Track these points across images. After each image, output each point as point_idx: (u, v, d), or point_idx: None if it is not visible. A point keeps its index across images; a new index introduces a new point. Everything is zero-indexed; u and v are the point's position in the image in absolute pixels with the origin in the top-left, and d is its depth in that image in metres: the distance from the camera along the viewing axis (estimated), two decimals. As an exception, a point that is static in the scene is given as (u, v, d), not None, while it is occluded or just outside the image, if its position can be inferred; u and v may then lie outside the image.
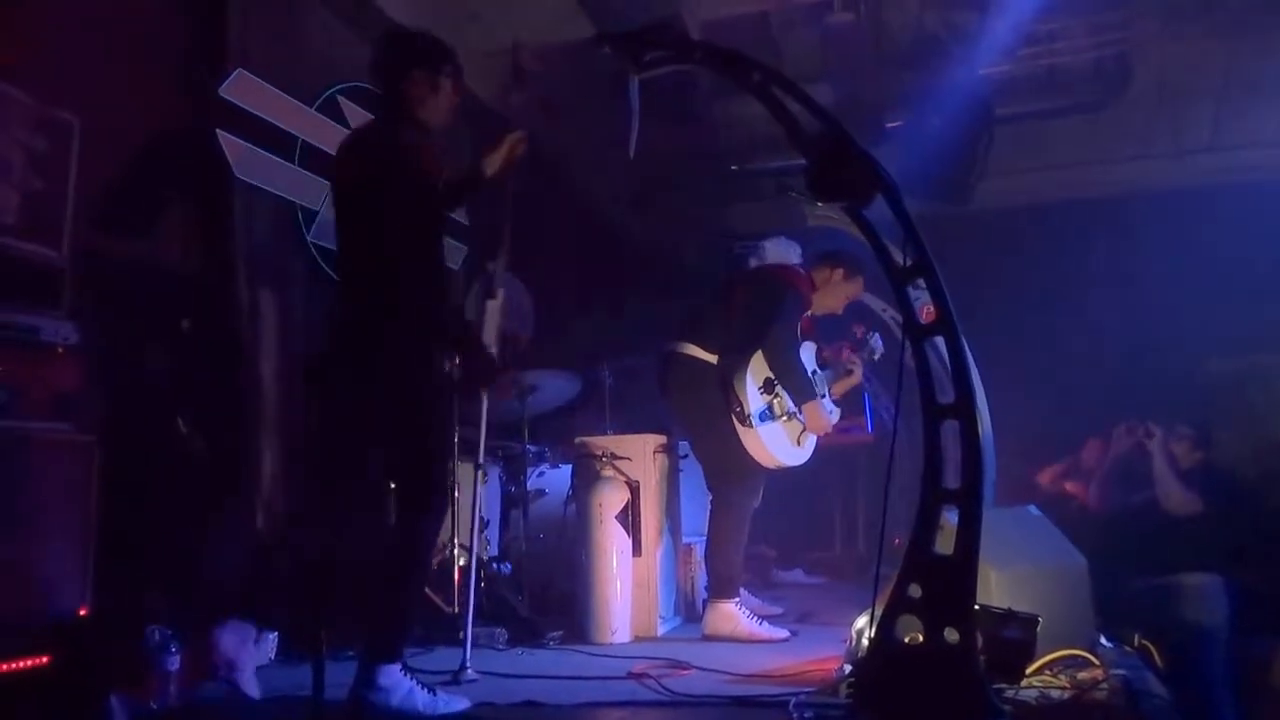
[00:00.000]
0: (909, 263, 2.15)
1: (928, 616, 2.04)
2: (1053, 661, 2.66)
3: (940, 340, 2.22)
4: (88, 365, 3.17)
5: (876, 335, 4.35)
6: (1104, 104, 6.24)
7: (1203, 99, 6.66)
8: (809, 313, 4.01)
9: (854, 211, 2.24)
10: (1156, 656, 3.21)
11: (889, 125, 6.28)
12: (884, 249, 2.22)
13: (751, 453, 3.69)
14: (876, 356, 4.34)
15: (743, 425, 3.66)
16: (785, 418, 3.78)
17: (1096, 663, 2.68)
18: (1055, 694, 2.47)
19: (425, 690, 2.62)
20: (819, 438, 3.91)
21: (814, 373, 3.92)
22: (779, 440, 3.77)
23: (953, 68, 5.77)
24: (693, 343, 3.80)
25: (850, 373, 4.19)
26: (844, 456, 5.94)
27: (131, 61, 3.69)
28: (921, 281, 4.14)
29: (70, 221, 3.19)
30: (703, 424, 3.82)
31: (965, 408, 2.06)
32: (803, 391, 3.75)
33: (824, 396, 3.98)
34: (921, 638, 2.07)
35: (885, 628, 2.08)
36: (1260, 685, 3.58)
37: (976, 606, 2.19)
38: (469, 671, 2.93)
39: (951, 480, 2.11)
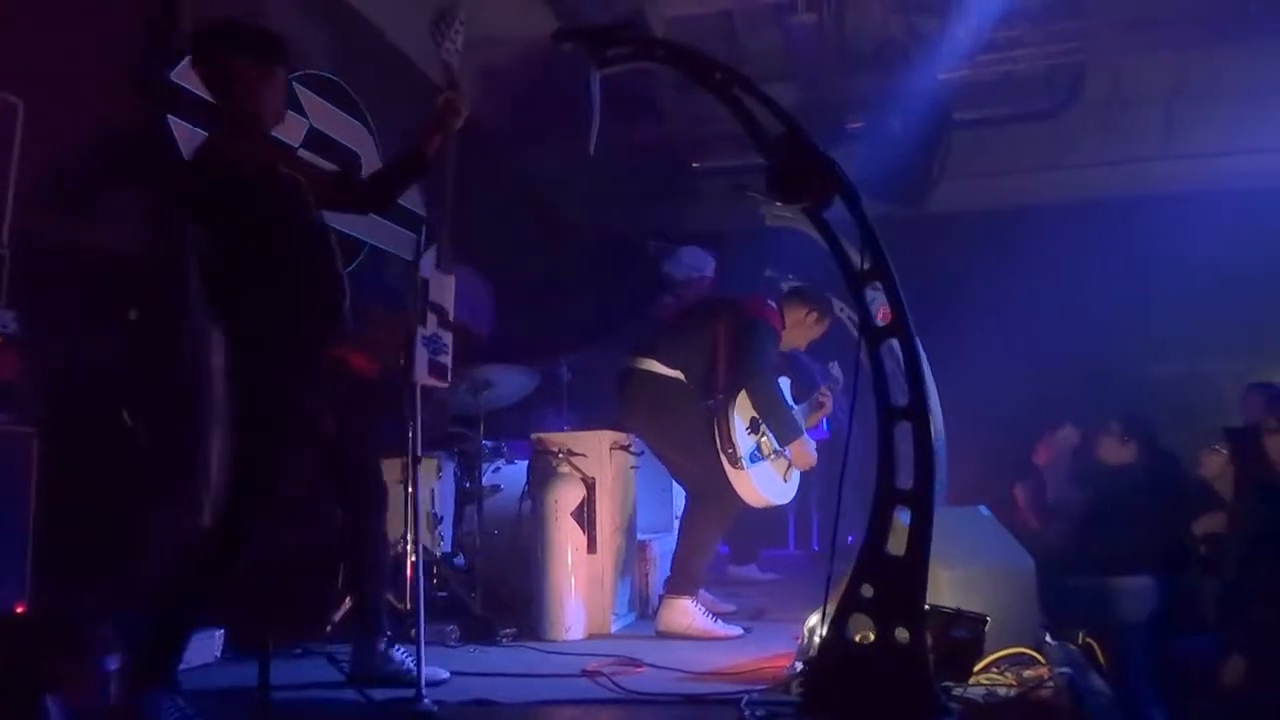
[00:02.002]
0: (866, 265, 2.16)
1: (879, 616, 2.06)
2: (1000, 659, 2.70)
3: (895, 342, 2.24)
4: (28, 355, 3.09)
5: (835, 363, 4.41)
6: (1058, 111, 6.36)
7: (1153, 109, 6.81)
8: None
9: (813, 213, 2.25)
10: (1099, 654, 3.28)
11: (849, 126, 6.34)
12: (842, 250, 2.23)
13: (742, 494, 3.67)
14: (840, 384, 4.38)
15: (734, 467, 3.63)
16: (772, 456, 3.78)
17: (1042, 660, 2.72)
18: (1002, 691, 2.51)
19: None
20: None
21: (790, 409, 3.89)
22: (768, 479, 3.76)
23: (913, 71, 5.83)
24: (652, 358, 3.74)
25: (822, 405, 4.23)
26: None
27: (79, 43, 3.58)
28: (878, 283, 4.20)
29: (11, 207, 3.10)
30: (678, 443, 3.80)
31: (919, 410, 2.08)
32: (790, 430, 3.73)
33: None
34: (873, 636, 2.09)
35: (837, 627, 2.10)
36: (1196, 683, 3.67)
37: (927, 606, 2.21)
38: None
39: (904, 480, 2.13)
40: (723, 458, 3.61)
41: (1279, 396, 5.49)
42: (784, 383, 3.92)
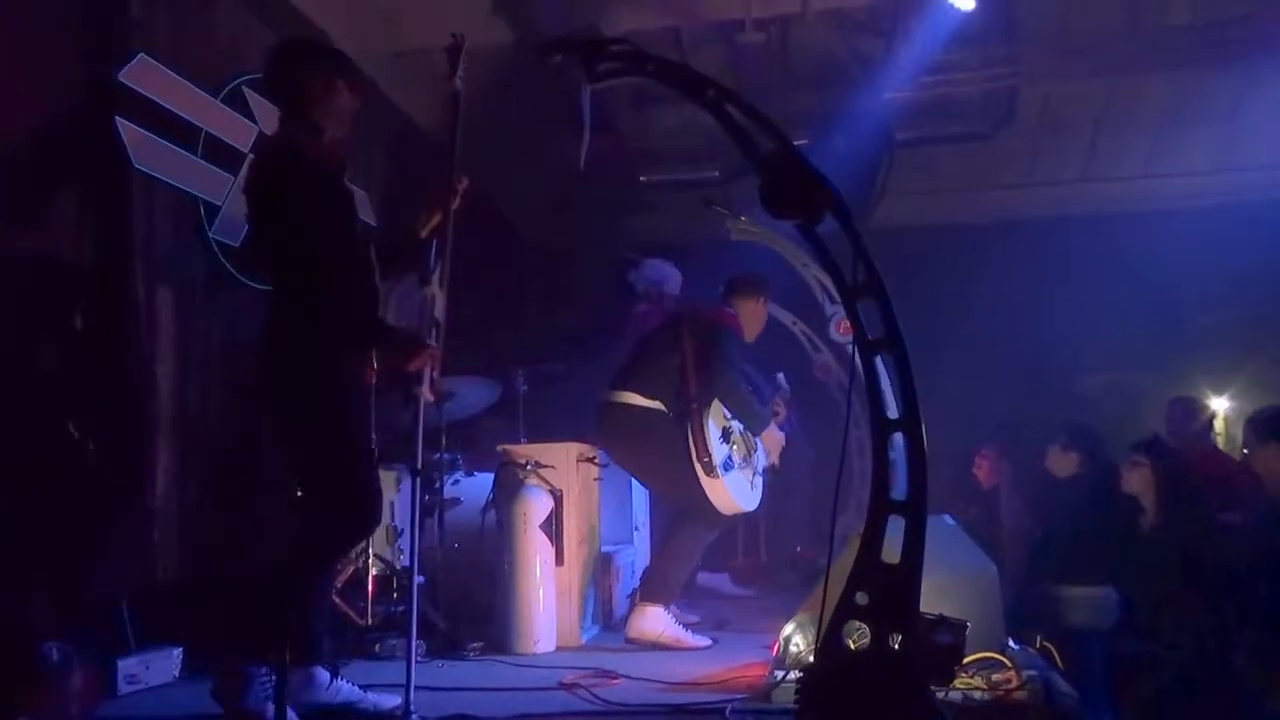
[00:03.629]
0: (859, 279, 2.22)
1: (874, 623, 2.10)
2: (969, 664, 2.78)
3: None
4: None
5: (780, 375, 4.60)
6: (992, 133, 6.59)
7: (1079, 133, 7.12)
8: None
9: (805, 229, 2.30)
10: (1057, 658, 3.40)
11: (794, 143, 6.46)
12: (834, 265, 2.28)
13: (715, 501, 3.74)
14: (788, 394, 4.58)
15: (709, 476, 3.70)
16: (742, 464, 3.90)
17: (1008, 664, 2.81)
18: (977, 695, 2.59)
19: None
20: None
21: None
22: (740, 486, 3.86)
23: (857, 91, 5.98)
24: (632, 390, 3.82)
25: (777, 414, 4.34)
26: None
27: (30, 40, 3.46)
28: (837, 296, 4.29)
29: (-40, 208, 2.97)
30: (664, 471, 3.87)
31: (912, 422, 2.14)
32: (760, 421, 3.90)
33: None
34: (866, 643, 2.13)
35: (833, 633, 2.14)
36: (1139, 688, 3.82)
37: (911, 612, 2.26)
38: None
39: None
40: (698, 467, 3.66)
41: (1194, 410, 5.78)
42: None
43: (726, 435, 3.83)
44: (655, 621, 3.60)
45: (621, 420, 3.82)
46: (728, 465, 3.75)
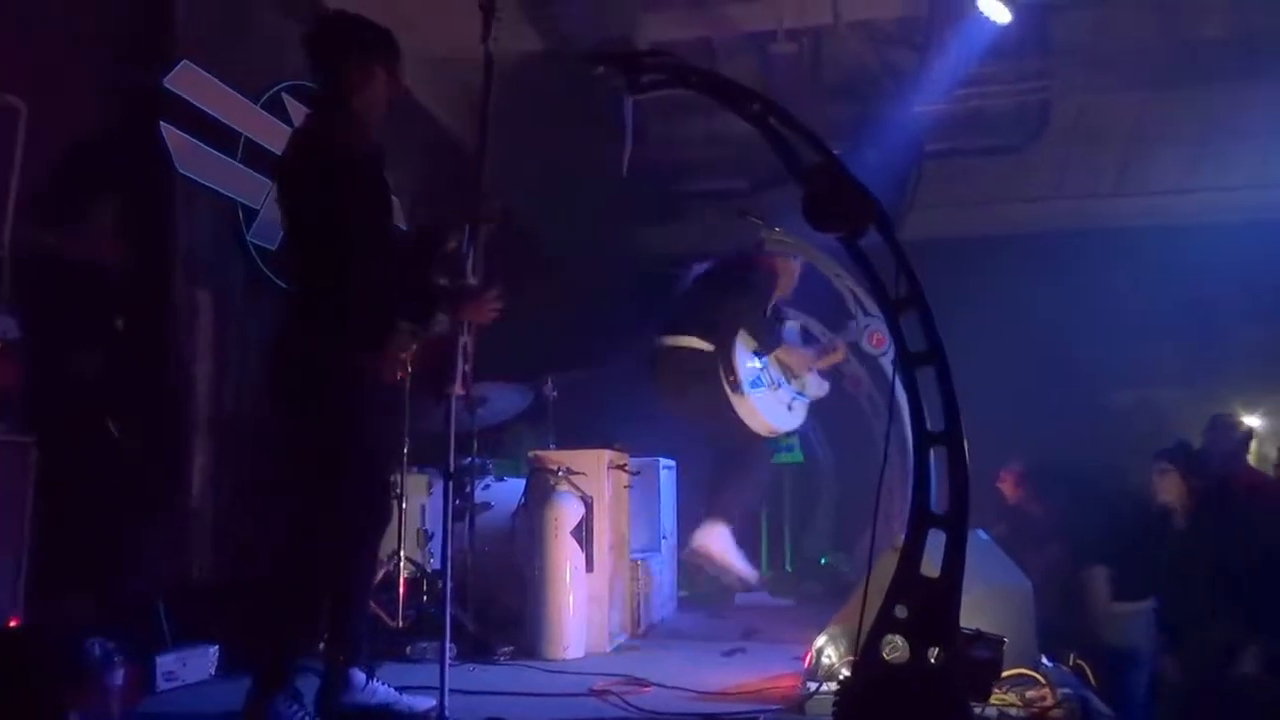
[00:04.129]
0: (901, 293, 2.22)
1: (913, 636, 2.11)
2: (1003, 680, 2.76)
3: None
4: (24, 362, 3.01)
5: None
6: (1024, 146, 6.56)
7: (1111, 146, 7.08)
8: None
9: (848, 241, 2.31)
10: (1090, 675, 3.38)
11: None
12: (876, 278, 2.29)
13: (746, 420, 3.96)
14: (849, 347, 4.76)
15: (735, 394, 3.90)
16: (772, 383, 4.10)
17: (1043, 681, 2.79)
18: (1013, 712, 2.58)
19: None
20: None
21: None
22: (770, 406, 4.06)
23: (889, 102, 5.98)
24: (685, 334, 4.04)
25: (836, 350, 4.61)
26: (771, 477, 6.07)
27: (78, 47, 3.53)
28: (873, 309, 4.30)
29: (12, 211, 3.03)
30: (705, 408, 4.05)
31: (954, 436, 2.15)
32: (768, 341, 4.13)
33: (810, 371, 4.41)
34: (902, 656, 2.13)
35: (871, 646, 2.14)
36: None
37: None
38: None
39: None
40: (725, 387, 3.78)
41: (1230, 426, 5.72)
42: (793, 328, 4.23)
43: (758, 356, 4.06)
44: (719, 539, 3.72)
45: (680, 365, 4.03)
46: (756, 383, 3.97)
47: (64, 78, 3.46)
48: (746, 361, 4.02)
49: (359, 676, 2.70)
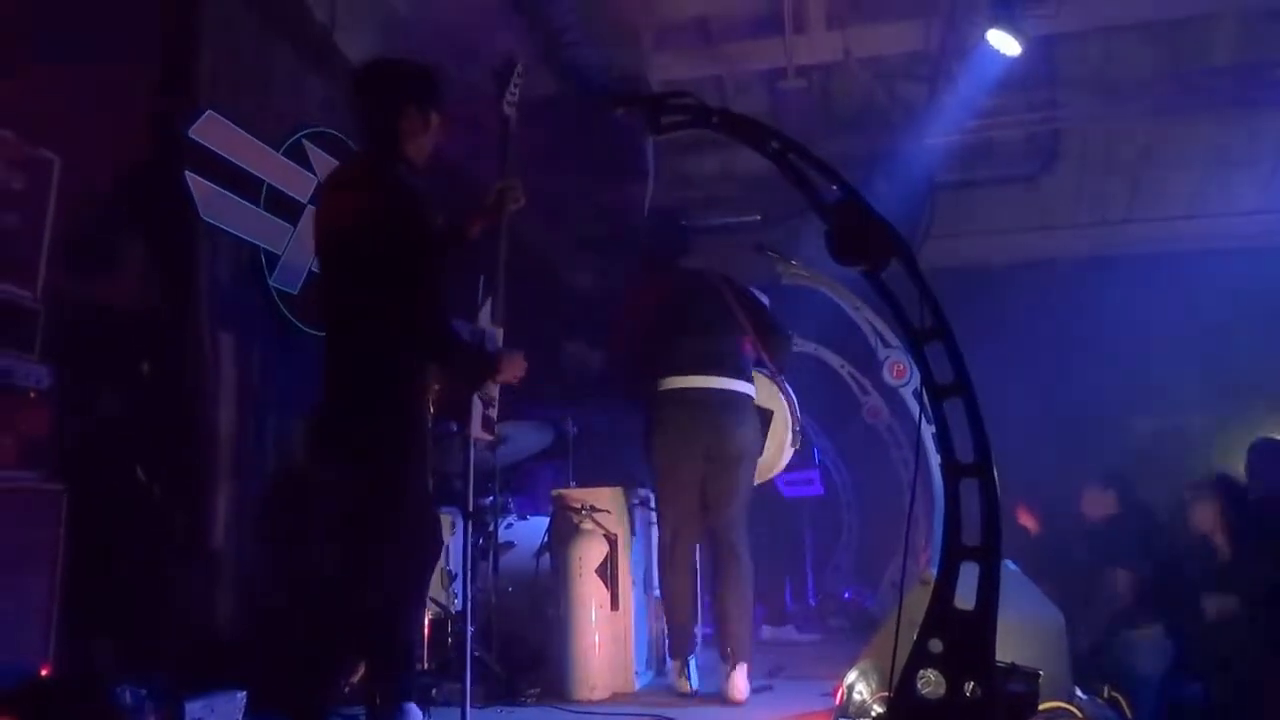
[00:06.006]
0: (927, 324, 2.23)
1: (948, 671, 2.09)
2: (1039, 715, 2.73)
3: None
4: (56, 411, 3.04)
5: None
6: (1035, 175, 6.60)
7: (1122, 174, 7.10)
8: None
9: (871, 276, 2.32)
10: (1125, 707, 3.33)
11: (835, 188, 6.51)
12: (901, 310, 2.30)
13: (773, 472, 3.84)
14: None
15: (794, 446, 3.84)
16: None
17: (1079, 715, 2.76)
18: (1051, 746, 2.54)
19: None
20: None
21: None
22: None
23: (900, 136, 6.02)
24: (739, 379, 3.76)
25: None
26: (791, 511, 6.05)
27: (107, 101, 3.59)
28: (892, 340, 4.29)
29: (45, 261, 3.08)
30: (754, 454, 3.79)
31: (985, 467, 2.14)
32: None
33: None
34: (938, 691, 2.11)
35: (906, 682, 2.12)
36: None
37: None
38: None
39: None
40: (788, 436, 3.75)
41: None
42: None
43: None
44: (747, 680, 3.50)
45: (744, 411, 3.72)
46: None
47: (94, 130, 3.52)
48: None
49: (416, 713, 2.70)
